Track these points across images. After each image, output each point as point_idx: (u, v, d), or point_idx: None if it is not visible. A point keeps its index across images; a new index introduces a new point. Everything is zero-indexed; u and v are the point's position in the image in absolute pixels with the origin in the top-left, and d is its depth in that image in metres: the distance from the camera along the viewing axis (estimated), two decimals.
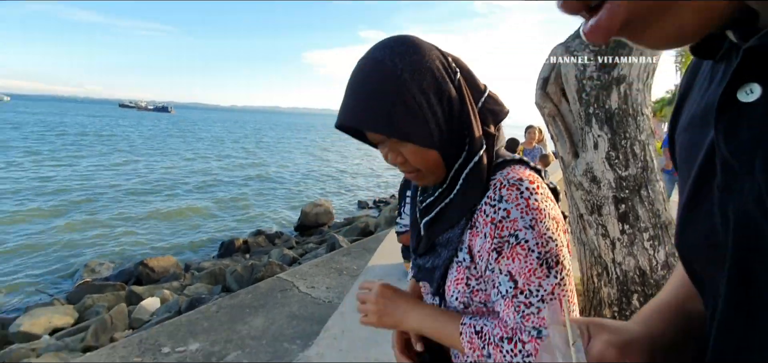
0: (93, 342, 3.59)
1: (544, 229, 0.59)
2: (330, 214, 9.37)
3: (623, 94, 1.75)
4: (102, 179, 14.16)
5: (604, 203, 1.97)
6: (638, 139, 1.81)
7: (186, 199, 12.29)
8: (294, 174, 18.74)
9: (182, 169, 18.05)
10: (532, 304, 0.59)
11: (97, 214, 9.93)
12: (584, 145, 1.93)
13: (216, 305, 2.90)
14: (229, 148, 29.77)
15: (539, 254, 0.59)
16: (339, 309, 2.70)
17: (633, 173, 1.86)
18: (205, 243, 8.55)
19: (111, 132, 36.20)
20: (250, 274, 4.86)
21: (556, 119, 1.99)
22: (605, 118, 1.79)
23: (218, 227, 9.70)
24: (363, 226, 7.53)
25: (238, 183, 15.54)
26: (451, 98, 0.63)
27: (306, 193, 14.31)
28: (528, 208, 0.59)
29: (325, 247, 6.19)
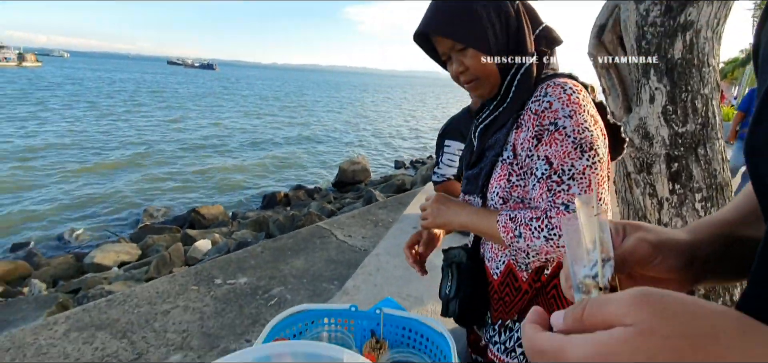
0: (155, 274, 4.01)
1: (581, 120, 0.67)
2: (367, 171, 9.52)
3: (689, 43, 1.61)
4: (157, 134, 15.16)
5: (655, 161, 1.87)
6: (701, 92, 1.68)
7: (232, 154, 12.94)
8: (332, 132, 19.03)
9: (228, 125, 18.88)
10: (562, 182, 0.66)
11: (153, 166, 10.73)
12: (639, 99, 1.81)
13: (261, 247, 3.12)
14: (271, 105, 30.56)
15: (575, 139, 0.66)
16: (374, 251, 2.84)
17: (691, 129, 1.74)
18: (248, 195, 9.05)
19: (163, 88, 38.22)
20: (291, 223, 5.13)
21: (610, 70, 1.88)
22: (666, 69, 1.66)
23: (261, 181, 10.19)
24: (399, 183, 7.61)
25: (279, 140, 16.06)
26: (508, 16, 0.74)
27: (344, 151, 14.56)
28: (569, 101, 0.68)
29: (361, 201, 6.35)
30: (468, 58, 0.75)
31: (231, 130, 17.37)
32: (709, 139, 1.76)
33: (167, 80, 53.39)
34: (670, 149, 1.80)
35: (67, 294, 3.64)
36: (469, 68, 0.76)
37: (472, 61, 0.75)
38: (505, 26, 0.74)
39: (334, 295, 2.40)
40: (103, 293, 3.30)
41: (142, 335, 1.98)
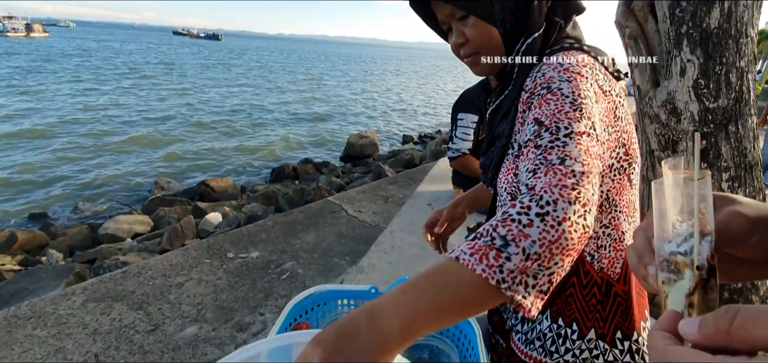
0: (168, 246, 4.07)
1: (583, 87, 0.56)
2: (375, 145, 9.45)
3: (727, 11, 1.50)
4: (164, 107, 15.14)
5: (682, 138, 1.79)
6: (737, 65, 1.58)
7: (240, 127, 12.92)
8: (339, 105, 18.85)
9: (235, 97, 18.78)
10: (557, 139, 0.50)
11: (162, 140, 10.76)
12: (668, 72, 1.72)
13: (272, 221, 3.13)
14: (279, 77, 30.26)
15: (573, 100, 0.54)
16: (389, 227, 2.83)
17: (723, 105, 1.65)
18: (257, 168, 9.07)
19: (170, 60, 37.95)
20: (300, 197, 5.14)
21: (638, 41, 1.78)
22: (700, 40, 1.56)
23: (268, 154, 10.19)
24: (408, 158, 7.55)
25: (286, 112, 15.98)
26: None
27: (351, 125, 14.45)
28: (566, 71, 0.58)
29: (370, 176, 6.33)
30: (469, 27, 0.67)
31: (239, 102, 17.29)
32: (742, 115, 1.68)
33: (173, 51, 52.94)
34: (698, 126, 1.71)
35: (83, 264, 3.72)
36: (469, 40, 0.68)
37: (473, 31, 0.67)
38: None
39: (345, 270, 2.41)
40: (118, 264, 3.36)
41: (158, 307, 2.01)
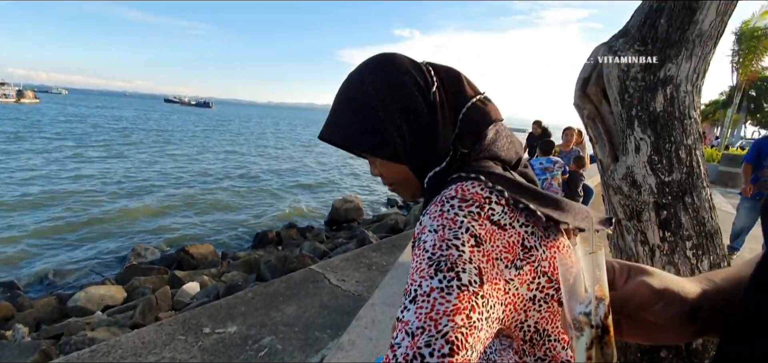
0: (140, 320, 3.87)
1: (449, 236, 0.51)
2: (360, 210, 9.49)
3: (669, 96, 1.68)
4: (149, 171, 15.09)
5: (644, 209, 1.90)
6: (684, 143, 1.74)
7: (224, 192, 12.87)
8: (326, 170, 19.11)
9: (222, 162, 18.91)
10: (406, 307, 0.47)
11: (146, 203, 10.60)
12: (625, 149, 1.86)
13: (252, 292, 3.04)
14: (266, 143, 30.78)
15: (432, 255, 0.50)
16: (369, 301, 2.77)
17: (677, 178, 1.78)
18: (240, 234, 8.92)
19: (159, 125, 38.43)
20: (282, 264, 5.04)
21: (596, 121, 1.94)
22: (649, 121, 1.72)
23: (252, 219, 10.09)
24: (392, 223, 7.59)
25: (271, 177, 16.08)
26: (419, 114, 0.62)
27: (337, 189, 14.57)
28: (440, 217, 0.54)
29: (354, 242, 6.29)
30: (379, 163, 0.67)
31: (225, 167, 17.38)
32: (696, 187, 1.80)
33: (164, 118, 53.83)
34: (658, 197, 1.83)
35: (49, 339, 3.48)
36: (383, 175, 0.68)
37: (384, 168, 0.67)
38: (415, 127, 0.61)
39: (326, 345, 2.33)
40: (86, 341, 3.16)
41: None
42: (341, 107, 0.65)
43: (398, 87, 0.62)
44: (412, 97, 0.62)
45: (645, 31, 1.59)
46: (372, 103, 0.62)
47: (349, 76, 0.66)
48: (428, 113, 0.62)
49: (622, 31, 1.72)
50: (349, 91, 0.65)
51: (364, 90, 0.63)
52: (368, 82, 0.63)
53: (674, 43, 1.54)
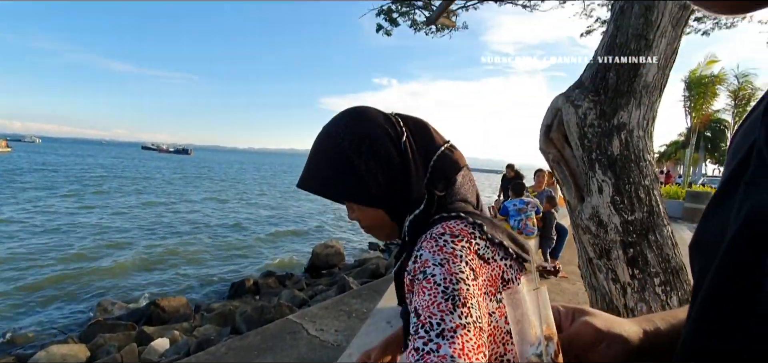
0: None
1: (456, 270, 0.55)
2: (341, 255, 9.34)
3: (624, 141, 1.80)
4: (120, 220, 14.54)
5: (612, 247, 1.97)
6: (642, 183, 1.84)
7: (200, 240, 12.46)
8: (306, 215, 18.89)
9: (199, 210, 18.43)
10: (430, 340, 0.50)
11: (116, 256, 10.13)
12: (589, 190, 1.96)
13: (225, 346, 2.90)
14: (244, 189, 30.36)
15: (445, 289, 0.53)
16: (347, 350, 2.68)
17: (639, 217, 1.87)
18: (215, 284, 8.57)
19: (137, 174, 37.46)
20: (259, 315, 4.84)
21: (561, 164, 2.04)
22: (608, 164, 1.83)
23: (229, 268, 9.75)
24: (374, 267, 7.48)
25: (251, 224, 15.73)
26: (391, 162, 0.67)
27: (318, 234, 14.36)
28: (440, 251, 0.58)
29: (335, 288, 6.14)
30: (356, 209, 0.71)
31: (201, 215, 16.93)
32: (657, 226, 1.89)
33: (140, 165, 52.63)
34: (623, 236, 1.91)
35: None
36: (360, 219, 0.72)
37: (360, 213, 0.71)
38: (389, 175, 0.66)
39: None
40: None
41: None
42: (318, 157, 0.69)
43: (371, 138, 0.67)
44: (384, 147, 0.67)
45: (597, 83, 1.72)
46: (347, 153, 0.66)
47: (325, 129, 0.71)
48: (400, 161, 0.67)
49: (577, 83, 1.85)
50: (325, 142, 0.69)
51: (339, 142, 0.67)
52: (343, 135, 0.67)
53: (624, 94, 1.67)
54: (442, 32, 5.24)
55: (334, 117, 0.72)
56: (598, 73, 1.71)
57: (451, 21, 4.89)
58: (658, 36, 1.53)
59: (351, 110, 0.72)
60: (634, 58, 1.57)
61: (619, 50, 1.61)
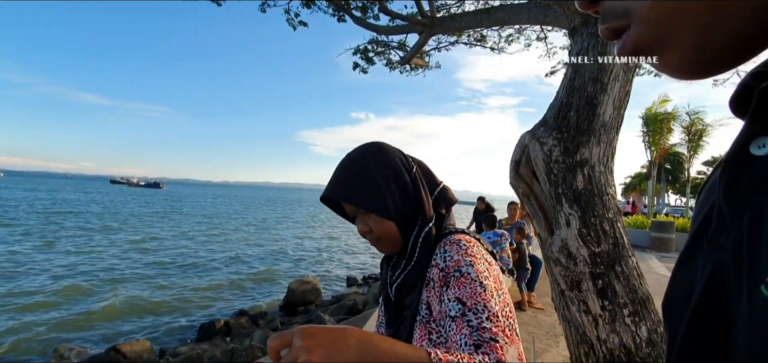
0: None
1: (482, 268, 0.74)
2: (317, 291, 9.09)
3: (587, 176, 1.88)
4: (85, 260, 13.70)
5: (582, 279, 2.01)
6: (606, 216, 1.92)
7: (168, 278, 11.86)
8: (282, 250, 18.41)
9: (166, 247, 17.64)
10: (482, 321, 0.67)
11: (75, 297, 9.46)
12: (558, 223, 2.02)
13: None
14: (217, 223, 29.44)
15: (481, 282, 0.71)
16: None
17: (605, 249, 1.93)
18: (184, 326, 8.10)
19: (104, 210, 35.67)
20: (229, 359, 4.60)
21: (530, 198, 2.10)
22: (574, 198, 1.90)
23: (199, 308, 9.26)
24: (351, 303, 7.31)
25: (223, 260, 15.15)
26: (405, 184, 0.84)
27: (294, 270, 13.97)
28: (466, 254, 0.76)
29: None
30: (371, 220, 0.83)
31: (170, 252, 16.19)
32: (622, 257, 1.96)
33: (104, 199, 50.27)
34: (592, 267, 1.96)
35: None
36: (372, 229, 0.84)
37: (375, 224, 0.83)
38: (403, 193, 0.83)
39: None
40: None
41: None
42: (348, 174, 0.83)
43: (391, 164, 0.84)
44: (401, 173, 0.84)
45: (560, 122, 1.82)
46: (374, 173, 0.82)
47: (351, 153, 0.87)
48: (412, 186, 0.85)
49: (542, 121, 1.95)
50: (354, 164, 0.84)
51: (367, 163, 0.83)
52: (367, 156, 0.84)
53: (584, 132, 1.76)
54: (416, 71, 5.44)
55: (360, 146, 0.88)
56: (560, 113, 1.81)
57: (424, 61, 5.10)
58: (611, 79, 1.65)
59: (375, 143, 0.89)
60: (591, 100, 1.67)
61: (577, 92, 1.71)
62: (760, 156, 0.26)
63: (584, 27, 1.83)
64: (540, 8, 2.33)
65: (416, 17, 3.87)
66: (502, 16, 2.76)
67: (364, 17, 4.52)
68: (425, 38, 3.84)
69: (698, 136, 16.94)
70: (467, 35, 5.26)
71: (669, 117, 16.09)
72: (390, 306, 0.87)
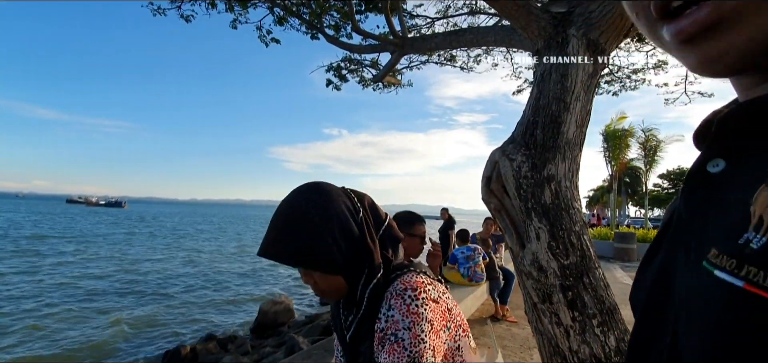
0: None
1: (419, 331, 0.70)
2: (290, 312, 8.84)
3: (554, 191, 1.95)
4: (25, 284, 12.68)
5: (553, 291, 2.06)
6: (573, 229, 1.99)
7: (126, 301, 11.18)
8: (253, 270, 17.83)
9: (124, 269, 16.67)
10: None
11: (14, 326, 8.71)
12: (528, 237, 2.07)
13: None
14: (182, 243, 28.20)
15: (410, 353, 0.69)
16: None
17: (573, 261, 1.99)
18: (146, 353, 7.63)
19: (57, 233, 33.31)
20: None
21: (502, 213, 2.15)
22: (542, 212, 1.96)
23: (163, 334, 8.76)
24: (325, 323, 7.14)
25: (189, 281, 14.48)
26: (352, 233, 0.77)
27: (265, 289, 13.54)
28: (408, 312, 0.71)
29: (283, 350, 5.74)
30: (316, 275, 0.77)
31: (128, 274, 15.30)
32: (590, 268, 2.03)
33: (56, 221, 47.04)
34: (562, 279, 2.02)
35: None
36: (317, 283, 0.78)
37: (320, 279, 0.77)
38: (350, 246, 0.76)
39: None
40: None
41: None
42: (284, 227, 0.75)
43: (337, 213, 0.76)
44: (346, 220, 0.77)
45: (527, 139, 1.88)
46: (315, 224, 0.73)
47: (290, 201, 0.77)
48: (359, 234, 0.78)
49: (510, 138, 2.01)
50: (292, 213, 0.75)
51: (308, 214, 0.74)
52: (310, 208, 0.75)
53: (550, 148, 1.83)
54: (389, 89, 5.52)
55: (298, 190, 0.79)
56: (527, 130, 1.88)
57: (396, 79, 5.19)
58: (573, 99, 1.73)
59: (314, 186, 0.79)
60: (555, 118, 1.75)
61: (542, 111, 1.79)
62: (714, 173, 0.30)
63: (547, 50, 1.93)
64: (506, 31, 2.43)
65: (388, 37, 3.95)
66: (470, 37, 2.87)
67: (337, 36, 4.56)
68: (397, 57, 3.91)
69: (653, 152, 18.13)
70: (438, 55, 5.42)
71: (627, 133, 17.14)
72: (347, 349, 0.84)
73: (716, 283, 0.25)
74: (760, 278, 0.22)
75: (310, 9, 4.40)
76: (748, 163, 0.28)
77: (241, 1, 4.43)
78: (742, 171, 0.28)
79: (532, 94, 1.94)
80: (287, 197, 0.78)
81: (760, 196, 0.25)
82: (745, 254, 0.23)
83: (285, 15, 4.50)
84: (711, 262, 0.26)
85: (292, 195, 0.78)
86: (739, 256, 0.24)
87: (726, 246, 0.25)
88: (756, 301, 0.22)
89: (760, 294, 0.22)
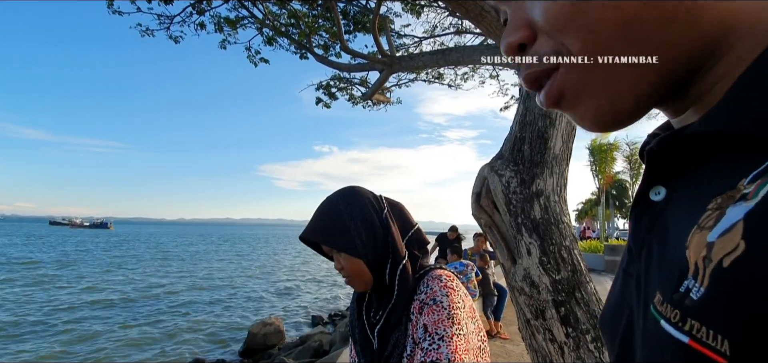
0: None
1: (457, 299, 0.82)
2: (280, 333, 8.64)
3: (544, 206, 1.96)
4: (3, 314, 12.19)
5: (546, 307, 2.05)
6: (563, 244, 1.99)
7: (109, 325, 10.80)
8: (242, 291, 17.46)
9: (109, 292, 16.17)
10: (434, 342, 0.76)
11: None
12: (519, 252, 2.06)
13: None
14: (169, 264, 27.55)
15: (449, 311, 0.79)
16: None
17: (565, 276, 1.99)
18: None
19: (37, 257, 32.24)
20: None
21: (492, 229, 2.15)
22: (532, 227, 1.96)
23: (149, 358, 8.47)
24: (316, 345, 6.99)
25: (177, 302, 14.09)
26: (373, 224, 0.91)
27: (255, 311, 13.23)
28: (445, 288, 0.84)
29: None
30: (342, 258, 0.91)
31: (114, 298, 14.83)
32: (581, 283, 2.03)
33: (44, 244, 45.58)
34: (554, 295, 2.01)
35: None
36: (344, 267, 0.91)
37: (346, 262, 0.90)
38: (371, 234, 0.90)
39: None
40: None
41: None
42: (322, 218, 0.92)
43: (361, 206, 0.92)
44: (369, 214, 0.91)
45: (515, 155, 1.90)
46: (340, 210, 0.91)
47: (329, 198, 0.95)
48: (381, 226, 0.91)
49: (499, 153, 2.03)
50: (326, 202, 0.94)
51: (336, 202, 0.92)
52: (339, 198, 0.93)
53: (538, 164, 1.85)
54: (378, 106, 5.56)
55: (337, 191, 0.97)
56: (515, 146, 1.89)
57: (385, 97, 5.24)
58: (559, 115, 1.76)
59: (349, 188, 0.98)
60: (542, 134, 1.77)
61: (529, 127, 1.81)
62: (656, 201, 0.30)
63: None
64: (491, 49, 2.48)
65: (376, 56, 4.00)
66: (456, 56, 2.91)
67: (326, 55, 4.59)
68: (386, 76, 3.95)
69: (638, 165, 18.53)
70: (426, 73, 5.49)
71: (612, 147, 17.50)
72: (369, 349, 0.91)
73: (665, 335, 0.24)
74: (703, 334, 0.21)
75: (299, 29, 4.44)
76: (687, 193, 0.27)
77: (231, 22, 4.45)
78: (681, 202, 0.28)
79: (519, 111, 1.96)
80: (329, 195, 0.96)
81: (692, 240, 0.24)
82: (687, 306, 0.22)
83: (274, 35, 4.53)
84: (657, 310, 0.25)
85: (332, 194, 0.96)
86: (681, 307, 0.23)
87: (669, 292, 0.24)
88: (703, 360, 0.21)
89: (706, 353, 0.21)
